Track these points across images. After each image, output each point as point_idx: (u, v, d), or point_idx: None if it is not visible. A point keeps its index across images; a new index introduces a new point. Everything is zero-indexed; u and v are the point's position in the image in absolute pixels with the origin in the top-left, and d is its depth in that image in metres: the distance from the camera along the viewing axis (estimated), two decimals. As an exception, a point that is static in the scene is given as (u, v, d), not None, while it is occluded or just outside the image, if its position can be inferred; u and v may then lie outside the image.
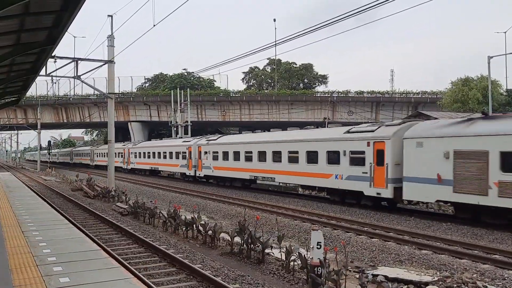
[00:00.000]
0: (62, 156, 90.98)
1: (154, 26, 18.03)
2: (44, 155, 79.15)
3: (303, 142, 21.80)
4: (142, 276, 8.27)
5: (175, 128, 49.70)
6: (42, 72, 20.84)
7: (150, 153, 42.37)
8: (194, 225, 12.74)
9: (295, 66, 79.69)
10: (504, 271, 9.57)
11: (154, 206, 15.92)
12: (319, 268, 7.64)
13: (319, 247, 7.67)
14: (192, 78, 69.40)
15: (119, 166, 44.79)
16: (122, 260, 9.36)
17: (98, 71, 63.24)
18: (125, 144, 51.05)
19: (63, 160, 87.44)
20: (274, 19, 72.14)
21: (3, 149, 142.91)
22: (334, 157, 19.59)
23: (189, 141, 35.20)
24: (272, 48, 43.71)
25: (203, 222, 12.62)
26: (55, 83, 45.94)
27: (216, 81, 70.84)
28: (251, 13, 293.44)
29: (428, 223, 15.12)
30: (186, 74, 71.42)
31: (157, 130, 70.58)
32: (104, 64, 24.66)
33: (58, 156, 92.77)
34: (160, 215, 15.19)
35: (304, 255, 8.58)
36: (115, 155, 35.48)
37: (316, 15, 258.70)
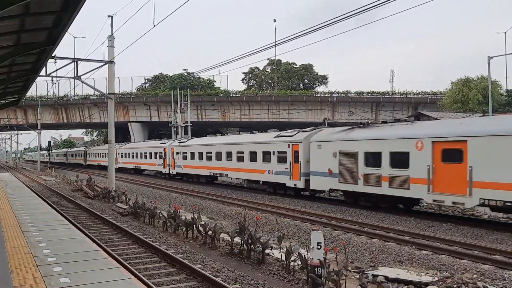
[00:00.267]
0: (58, 157, 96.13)
1: (154, 26, 18.07)
2: (43, 156, 79.93)
3: (247, 144, 26.09)
4: (142, 277, 8.27)
5: (175, 129, 49.67)
6: (42, 72, 20.78)
7: (134, 153, 46.86)
8: (194, 225, 12.73)
9: (295, 66, 79.54)
10: (504, 271, 9.56)
11: (154, 207, 15.92)
12: (319, 268, 7.63)
13: (319, 247, 7.66)
14: (192, 79, 69.30)
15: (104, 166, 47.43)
16: (122, 260, 9.36)
17: (98, 71, 63.31)
18: (120, 145, 52.81)
19: (59, 160, 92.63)
20: (274, 20, 71.95)
21: (3, 149, 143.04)
22: (267, 156, 24.07)
23: (165, 143, 39.88)
24: (272, 49, 43.77)
25: (203, 223, 12.61)
26: (55, 83, 45.82)
27: (216, 81, 70.89)
28: (251, 13, 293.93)
29: (428, 223, 15.13)
30: (186, 74, 71.32)
31: (157, 131, 70.53)
32: (104, 65, 24.63)
33: (55, 156, 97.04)
34: (160, 215, 15.21)
35: (304, 255, 8.58)
36: (104, 155, 37.41)
37: (316, 15, 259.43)
